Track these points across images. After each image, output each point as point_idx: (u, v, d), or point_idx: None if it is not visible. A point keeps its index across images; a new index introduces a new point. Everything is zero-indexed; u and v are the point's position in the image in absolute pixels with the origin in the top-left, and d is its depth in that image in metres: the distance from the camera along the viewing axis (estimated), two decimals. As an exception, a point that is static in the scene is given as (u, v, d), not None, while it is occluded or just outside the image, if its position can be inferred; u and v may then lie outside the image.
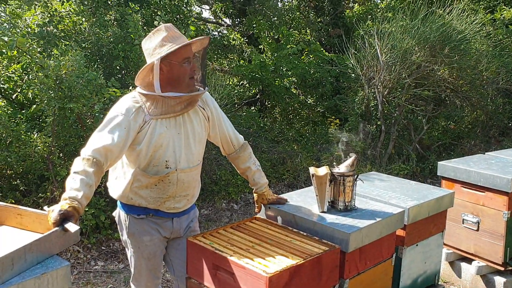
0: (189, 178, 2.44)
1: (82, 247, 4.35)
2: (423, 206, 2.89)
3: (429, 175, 7.08)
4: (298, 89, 9.03)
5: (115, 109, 2.30)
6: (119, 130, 2.21)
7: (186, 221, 2.56)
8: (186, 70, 2.31)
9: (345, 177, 2.64)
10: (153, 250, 2.49)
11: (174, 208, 2.45)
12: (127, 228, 2.48)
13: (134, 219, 2.45)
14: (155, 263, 2.54)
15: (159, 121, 2.31)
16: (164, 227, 2.48)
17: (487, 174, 3.55)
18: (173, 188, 2.40)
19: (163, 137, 2.31)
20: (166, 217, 2.47)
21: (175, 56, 2.28)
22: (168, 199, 2.41)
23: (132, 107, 2.28)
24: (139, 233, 2.46)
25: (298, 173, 6.72)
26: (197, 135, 2.43)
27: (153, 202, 2.40)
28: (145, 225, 2.45)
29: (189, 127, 2.40)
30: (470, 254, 3.80)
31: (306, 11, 10.54)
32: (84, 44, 5.50)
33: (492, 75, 7.58)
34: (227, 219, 5.49)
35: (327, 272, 2.25)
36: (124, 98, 2.35)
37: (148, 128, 2.29)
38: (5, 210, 2.17)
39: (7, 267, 1.68)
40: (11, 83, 5.40)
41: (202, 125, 2.47)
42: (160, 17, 5.80)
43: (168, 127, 2.33)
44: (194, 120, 2.43)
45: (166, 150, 2.32)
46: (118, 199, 2.47)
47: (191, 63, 2.33)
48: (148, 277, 2.57)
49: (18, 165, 4.50)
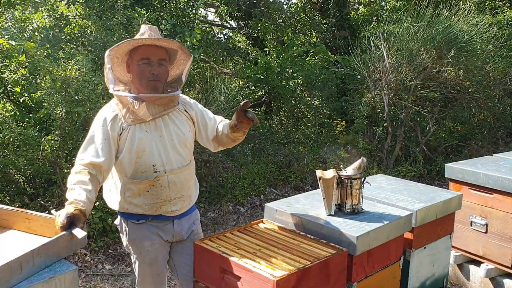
0: (181, 179, 2.40)
1: (90, 251, 4.36)
2: (431, 208, 2.87)
3: (436, 177, 7.04)
4: (304, 91, 9.01)
5: (94, 123, 2.32)
6: (102, 143, 2.23)
7: (187, 223, 2.53)
8: (144, 70, 2.27)
9: (352, 180, 2.63)
10: (154, 255, 2.47)
11: (172, 211, 2.42)
12: (128, 235, 2.47)
13: (134, 225, 2.44)
14: (158, 269, 2.52)
15: (137, 127, 2.29)
16: (165, 231, 2.46)
17: (495, 176, 3.52)
18: (166, 192, 2.36)
19: (144, 141, 2.28)
20: (166, 220, 2.44)
21: (120, 50, 2.28)
22: (163, 203, 2.38)
23: (108, 116, 2.29)
24: (140, 238, 2.44)
25: (304, 176, 6.70)
26: (181, 136, 2.40)
27: (149, 209, 2.37)
28: (145, 230, 2.43)
29: (172, 128, 2.37)
30: (479, 256, 3.77)
31: (311, 13, 10.53)
32: (91, 47, 5.52)
33: (499, 76, 7.53)
34: (234, 222, 5.48)
35: (335, 275, 2.24)
36: (102, 109, 2.37)
37: (127, 135, 2.27)
38: (13, 215, 2.18)
39: (15, 271, 1.68)
40: (19, 87, 5.43)
41: (186, 125, 2.44)
42: (166, 20, 5.82)
43: (149, 131, 2.31)
44: (176, 120, 2.40)
45: (151, 154, 2.30)
46: (116, 209, 2.46)
47: (154, 65, 2.28)
48: (152, 282, 2.54)
49: (26, 169, 4.53)
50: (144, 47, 2.27)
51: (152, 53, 2.28)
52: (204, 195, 5.77)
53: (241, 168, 6.33)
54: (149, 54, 2.27)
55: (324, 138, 8.11)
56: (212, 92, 6.01)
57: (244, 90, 7.80)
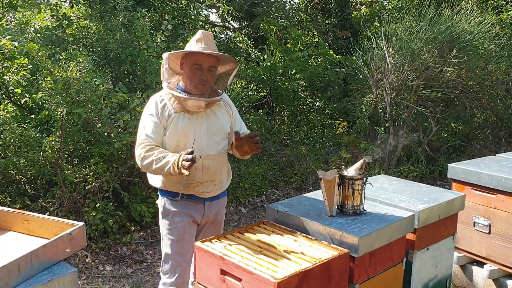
0: (214, 165, 2.66)
1: (90, 252, 4.35)
2: (434, 209, 2.85)
3: (438, 177, 7.01)
4: (306, 91, 9.00)
5: (146, 110, 2.65)
6: (154, 127, 2.57)
7: (216, 207, 2.78)
8: (195, 74, 2.58)
9: (354, 180, 2.61)
10: (182, 231, 2.68)
11: (203, 193, 2.66)
12: (163, 210, 2.72)
13: (169, 201, 2.70)
14: (184, 246, 2.69)
15: (182, 114, 2.60)
16: (197, 210, 2.70)
17: (498, 176, 3.50)
18: (199, 174, 2.62)
19: (186, 128, 2.59)
20: (199, 200, 2.69)
21: (179, 54, 2.62)
22: (196, 185, 2.63)
23: (158, 104, 2.61)
24: (172, 214, 2.68)
25: (306, 176, 6.68)
26: (220, 126, 2.69)
27: (183, 188, 2.61)
28: (178, 207, 2.68)
29: (212, 120, 2.67)
30: (482, 257, 3.74)
31: (313, 13, 10.51)
32: (92, 48, 5.52)
33: (502, 75, 7.49)
34: (235, 223, 5.47)
35: (337, 277, 2.23)
36: (153, 97, 2.68)
37: (173, 121, 2.59)
38: (12, 216, 2.17)
39: (13, 274, 1.67)
40: (20, 88, 5.44)
41: (225, 118, 2.74)
42: (168, 21, 5.82)
43: (191, 119, 2.61)
44: (218, 113, 2.71)
45: (190, 139, 2.58)
46: (156, 186, 2.72)
47: (204, 71, 2.57)
48: (176, 260, 2.69)
49: (27, 170, 4.52)
50: (198, 54, 2.56)
51: (204, 60, 2.57)
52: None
53: (243, 169, 6.31)
54: (201, 61, 2.57)
55: (325, 138, 8.10)
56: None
57: (246, 90, 7.78)
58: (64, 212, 4.40)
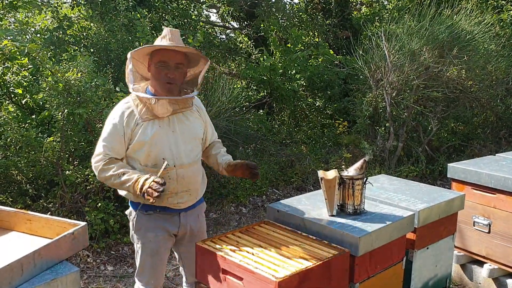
0: (189, 173, 2.50)
1: (92, 252, 4.36)
2: (434, 208, 2.86)
3: (438, 177, 7.01)
4: (306, 91, 9.00)
5: (110, 117, 2.47)
6: (115, 138, 2.41)
7: (192, 217, 2.63)
8: (160, 72, 2.40)
9: (354, 180, 2.62)
10: (156, 246, 2.54)
11: (178, 204, 2.51)
12: (134, 224, 2.56)
13: (142, 215, 2.53)
14: (158, 260, 2.58)
15: (151, 122, 2.42)
16: (172, 223, 2.55)
17: (498, 175, 3.51)
18: (173, 184, 2.45)
19: (156, 136, 2.41)
20: (173, 212, 2.53)
21: (141, 52, 2.42)
22: (171, 196, 2.46)
23: (124, 112, 2.43)
24: (145, 229, 2.53)
25: (306, 176, 6.69)
26: (193, 132, 2.54)
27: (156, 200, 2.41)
28: (152, 221, 2.52)
29: (185, 126, 2.51)
30: (482, 257, 3.75)
31: (313, 13, 10.51)
32: (93, 49, 5.53)
33: (502, 75, 7.50)
34: (236, 223, 5.48)
35: (337, 276, 2.24)
36: (119, 104, 2.50)
37: (140, 130, 2.41)
38: (14, 216, 2.18)
39: (16, 273, 1.68)
40: (21, 88, 5.45)
41: (198, 123, 2.59)
42: (168, 21, 5.83)
43: (162, 126, 2.44)
44: (190, 118, 2.55)
45: (162, 148, 2.42)
46: (126, 197, 2.57)
47: (171, 69, 2.40)
48: (151, 274, 2.59)
49: (28, 170, 4.53)
50: (163, 50, 2.39)
51: (170, 57, 2.39)
52: (206, 196, 5.72)
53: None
54: (166, 58, 2.39)
55: (326, 138, 8.10)
56: (214, 93, 6.01)
57: (246, 90, 7.79)
58: (65, 212, 4.42)
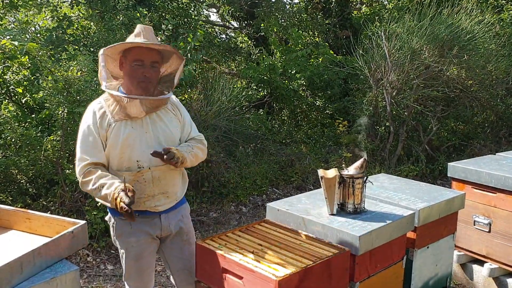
0: (166, 175, 2.42)
1: (91, 251, 4.36)
2: (434, 208, 2.86)
3: (438, 176, 7.01)
4: (306, 91, 9.00)
5: (83, 120, 2.40)
6: (91, 142, 2.34)
7: (175, 218, 2.53)
8: (136, 71, 2.32)
9: (354, 179, 2.62)
10: (139, 251, 2.47)
11: (155, 207, 2.43)
12: (115, 230, 2.49)
13: (120, 221, 2.45)
14: (143, 264, 2.51)
15: (124, 123, 2.34)
16: (153, 225, 2.46)
17: (498, 175, 3.51)
18: (149, 187, 2.38)
19: (129, 137, 2.34)
20: (153, 215, 2.45)
21: (115, 50, 2.34)
22: (147, 199, 2.40)
23: (96, 113, 2.35)
24: (126, 234, 2.46)
25: (306, 175, 6.69)
26: (168, 133, 2.44)
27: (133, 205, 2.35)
28: (132, 226, 2.43)
29: (159, 126, 2.42)
30: (482, 256, 3.75)
31: (313, 13, 10.51)
32: (93, 48, 5.53)
33: (502, 75, 7.50)
34: (236, 222, 5.47)
35: (337, 275, 2.24)
36: (91, 105, 2.42)
37: (113, 131, 2.33)
38: (13, 215, 2.18)
39: (16, 271, 1.68)
40: (21, 87, 5.44)
41: (173, 123, 2.48)
42: (168, 21, 5.82)
43: (135, 127, 2.36)
44: (164, 118, 2.44)
45: (135, 149, 2.34)
46: (106, 204, 2.45)
47: (146, 67, 2.33)
48: (137, 278, 2.53)
49: (28, 170, 4.53)
50: (138, 48, 2.32)
51: (145, 55, 2.32)
52: (206, 195, 5.76)
53: (243, 168, 6.31)
54: (142, 56, 2.32)
55: (326, 138, 8.10)
56: (214, 92, 6.01)
57: (246, 90, 7.79)
58: (65, 211, 4.42)
